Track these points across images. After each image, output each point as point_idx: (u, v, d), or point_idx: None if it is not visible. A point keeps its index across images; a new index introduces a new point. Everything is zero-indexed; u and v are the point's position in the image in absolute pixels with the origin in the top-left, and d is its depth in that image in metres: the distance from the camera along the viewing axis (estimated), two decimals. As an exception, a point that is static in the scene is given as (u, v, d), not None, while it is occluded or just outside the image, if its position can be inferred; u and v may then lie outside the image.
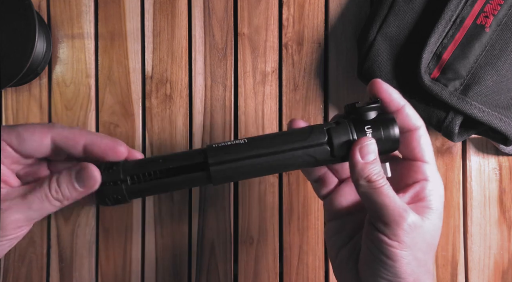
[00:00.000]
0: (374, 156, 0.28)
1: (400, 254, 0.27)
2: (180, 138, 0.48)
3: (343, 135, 0.29)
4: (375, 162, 0.28)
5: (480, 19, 0.40)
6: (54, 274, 0.48)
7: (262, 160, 0.29)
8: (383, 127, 0.29)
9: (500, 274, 0.48)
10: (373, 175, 0.28)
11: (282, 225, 0.48)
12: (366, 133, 0.29)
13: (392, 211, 0.27)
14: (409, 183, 0.30)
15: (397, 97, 0.30)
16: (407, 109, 0.30)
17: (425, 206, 0.29)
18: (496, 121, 0.39)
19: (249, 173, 0.29)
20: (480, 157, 0.48)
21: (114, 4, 0.49)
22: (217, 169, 0.28)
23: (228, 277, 0.48)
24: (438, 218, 0.29)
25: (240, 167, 0.29)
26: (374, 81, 0.30)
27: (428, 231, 0.28)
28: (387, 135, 0.29)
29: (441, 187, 0.30)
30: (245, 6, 0.49)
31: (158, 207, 0.48)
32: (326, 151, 0.29)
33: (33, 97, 0.49)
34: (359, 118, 0.29)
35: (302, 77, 0.49)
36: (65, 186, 0.26)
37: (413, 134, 0.30)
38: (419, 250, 0.28)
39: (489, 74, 0.39)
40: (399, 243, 0.27)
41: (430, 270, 0.29)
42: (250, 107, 0.48)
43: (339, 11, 0.49)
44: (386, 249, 0.27)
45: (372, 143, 0.28)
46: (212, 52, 0.48)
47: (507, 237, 0.48)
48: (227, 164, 0.28)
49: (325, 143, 0.29)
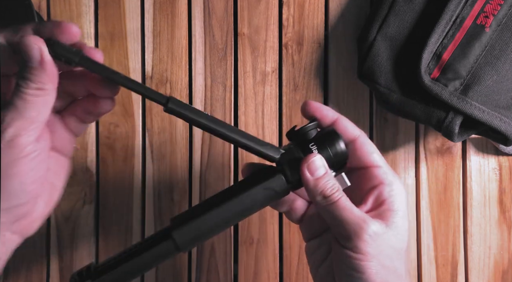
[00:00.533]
0: (324, 170, 0.28)
1: (367, 266, 0.27)
2: (180, 138, 0.48)
3: (292, 160, 0.29)
4: (326, 176, 0.28)
5: (480, 19, 0.40)
6: (54, 274, 0.48)
7: (224, 208, 0.28)
8: (326, 139, 0.29)
9: (500, 274, 0.48)
10: (327, 189, 0.28)
11: (282, 225, 0.48)
12: (312, 150, 0.29)
13: (351, 223, 0.27)
14: (367, 190, 0.30)
15: (329, 112, 0.31)
16: (342, 121, 0.31)
17: (386, 209, 0.29)
18: (496, 121, 0.39)
19: (215, 226, 0.29)
20: (480, 157, 0.48)
21: (114, 4, 0.49)
22: (179, 232, 0.28)
23: (228, 277, 0.48)
24: (402, 219, 0.29)
25: (204, 221, 0.28)
26: (304, 102, 0.31)
27: (394, 236, 0.28)
28: (332, 145, 0.29)
29: (400, 186, 0.30)
30: (245, 6, 0.49)
31: (158, 207, 0.48)
32: (281, 180, 0.29)
33: (33, 97, 0.49)
34: (303, 140, 0.30)
35: (302, 77, 0.49)
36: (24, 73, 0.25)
37: (356, 143, 0.30)
38: (386, 257, 0.27)
39: (489, 74, 0.39)
40: (363, 255, 0.27)
41: (402, 275, 0.28)
42: (250, 107, 0.48)
43: (339, 11, 0.49)
44: (352, 262, 0.27)
45: (318, 158, 0.28)
46: (212, 52, 0.48)
47: (507, 237, 0.48)
48: (190, 224, 0.28)
49: (277, 172, 0.29)
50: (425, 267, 0.48)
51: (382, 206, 0.29)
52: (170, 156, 0.48)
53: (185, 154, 0.48)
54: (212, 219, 0.28)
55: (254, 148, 0.28)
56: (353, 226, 0.27)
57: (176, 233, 0.28)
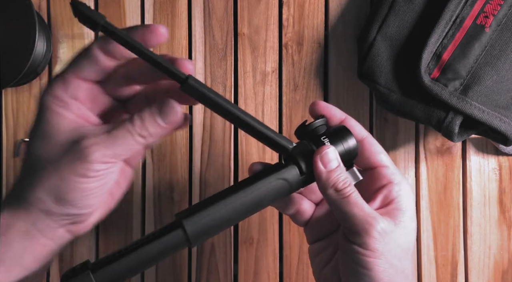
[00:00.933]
0: (337, 163, 0.28)
1: (375, 262, 0.27)
2: (180, 138, 0.48)
3: (304, 151, 0.29)
4: (338, 169, 0.28)
5: (480, 19, 0.40)
6: (54, 274, 0.48)
7: (236, 198, 0.27)
8: (338, 134, 0.29)
9: (500, 274, 0.48)
10: (339, 183, 0.28)
11: (282, 225, 0.48)
12: (324, 142, 0.29)
13: (361, 219, 0.27)
14: (375, 189, 0.30)
15: (337, 112, 0.31)
16: (350, 121, 0.31)
17: (395, 208, 0.29)
18: (496, 121, 0.39)
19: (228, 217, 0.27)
20: (480, 157, 0.48)
21: (114, 4, 0.49)
22: (191, 221, 0.26)
23: (228, 277, 0.48)
24: (410, 219, 0.29)
25: (217, 211, 0.27)
26: (313, 102, 0.31)
27: (401, 235, 0.28)
28: (344, 140, 0.29)
29: (408, 187, 0.30)
30: (245, 6, 0.49)
31: (158, 207, 0.48)
32: (295, 170, 0.28)
33: (33, 97, 0.49)
34: (313, 135, 0.30)
35: (302, 77, 0.49)
36: (147, 121, 0.26)
37: (363, 144, 0.30)
38: (394, 256, 0.27)
39: (489, 74, 0.39)
40: (371, 252, 0.27)
41: (409, 276, 0.28)
42: (250, 107, 0.48)
43: (339, 11, 0.49)
44: (360, 259, 0.27)
45: (331, 150, 0.28)
46: (212, 52, 0.48)
47: (507, 237, 0.48)
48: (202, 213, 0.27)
49: (291, 164, 0.28)
50: (425, 267, 0.48)
51: (391, 205, 0.29)
52: (170, 156, 0.48)
53: (185, 154, 0.48)
54: (225, 208, 0.27)
55: (269, 135, 0.28)
56: (362, 222, 0.27)
57: (187, 221, 0.26)
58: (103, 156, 0.25)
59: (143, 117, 0.26)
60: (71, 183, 0.25)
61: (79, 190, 0.25)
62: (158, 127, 0.26)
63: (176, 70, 0.25)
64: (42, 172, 0.26)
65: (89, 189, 0.26)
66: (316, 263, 0.33)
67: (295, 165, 0.28)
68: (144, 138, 0.26)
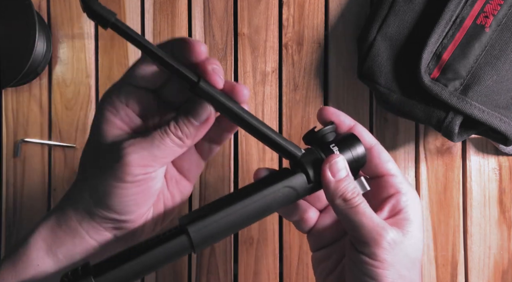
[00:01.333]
0: (346, 172, 0.28)
1: (383, 274, 0.27)
2: (180, 138, 0.48)
3: (313, 159, 0.28)
4: (347, 178, 0.28)
5: (480, 19, 0.40)
6: (54, 274, 0.48)
7: (243, 204, 0.27)
8: (347, 142, 0.29)
9: (500, 274, 0.48)
10: (347, 192, 0.27)
11: (282, 225, 0.48)
12: (333, 151, 0.28)
13: (370, 230, 0.27)
14: (383, 199, 0.30)
15: (346, 119, 0.30)
16: (359, 128, 0.30)
17: (403, 218, 0.28)
18: (496, 121, 0.39)
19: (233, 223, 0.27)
20: (480, 157, 0.48)
21: (114, 4, 0.49)
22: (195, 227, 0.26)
23: (228, 277, 0.48)
24: (417, 229, 0.28)
25: (222, 217, 0.26)
26: (321, 108, 0.31)
27: (410, 245, 0.28)
28: (353, 148, 0.29)
29: (416, 197, 0.30)
30: (245, 6, 0.49)
31: (158, 207, 0.48)
32: (303, 178, 0.28)
33: (33, 97, 0.49)
34: (322, 142, 0.29)
35: (302, 77, 0.49)
36: (181, 120, 0.26)
37: (372, 152, 0.30)
38: (403, 267, 0.27)
39: (489, 74, 0.39)
40: (380, 262, 0.27)
41: None
42: (250, 107, 0.48)
43: (339, 11, 0.49)
44: (369, 269, 0.27)
45: (340, 159, 0.28)
46: (212, 52, 0.48)
47: (507, 237, 0.48)
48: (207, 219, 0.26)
49: (299, 171, 0.28)
50: (425, 267, 0.48)
51: (399, 215, 0.29)
52: (170, 156, 0.48)
53: (185, 154, 0.48)
54: (231, 216, 0.26)
55: (278, 141, 0.27)
56: (372, 232, 0.27)
57: (191, 228, 0.26)
58: (141, 158, 0.25)
59: (177, 118, 0.26)
60: (109, 186, 0.25)
61: (117, 195, 0.25)
62: (191, 127, 0.26)
63: (187, 71, 0.24)
64: (90, 173, 0.27)
65: (127, 195, 0.26)
66: (320, 271, 0.33)
67: (303, 172, 0.28)
68: (181, 139, 0.26)
